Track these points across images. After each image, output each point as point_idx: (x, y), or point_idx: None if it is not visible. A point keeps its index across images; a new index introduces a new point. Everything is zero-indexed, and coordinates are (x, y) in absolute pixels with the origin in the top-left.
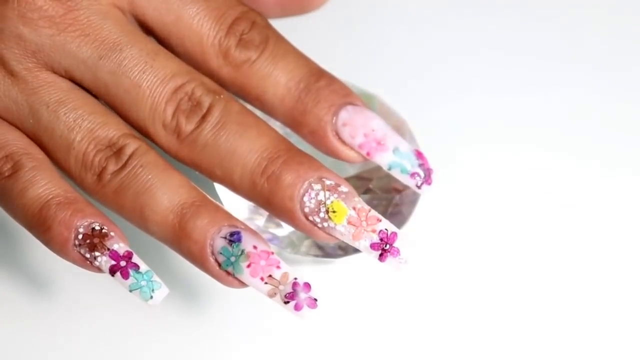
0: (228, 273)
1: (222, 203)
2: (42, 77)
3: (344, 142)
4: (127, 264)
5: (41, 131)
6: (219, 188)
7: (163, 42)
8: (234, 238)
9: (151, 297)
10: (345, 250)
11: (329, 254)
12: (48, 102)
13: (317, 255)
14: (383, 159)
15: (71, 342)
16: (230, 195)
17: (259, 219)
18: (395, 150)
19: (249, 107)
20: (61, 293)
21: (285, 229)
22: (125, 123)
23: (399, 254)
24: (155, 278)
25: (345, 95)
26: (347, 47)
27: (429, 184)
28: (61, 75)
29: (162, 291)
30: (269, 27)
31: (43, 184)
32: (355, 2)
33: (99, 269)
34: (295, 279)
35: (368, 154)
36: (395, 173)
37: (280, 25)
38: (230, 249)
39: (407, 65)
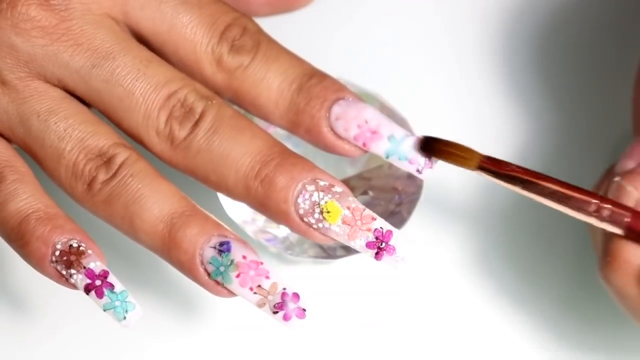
0: (217, 283)
1: (222, 206)
2: (33, 87)
3: (339, 137)
4: (102, 283)
5: (31, 140)
6: None
7: (157, 51)
8: (223, 248)
9: (124, 317)
10: (347, 250)
11: (330, 255)
12: (39, 112)
13: (318, 256)
14: (379, 148)
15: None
16: None
17: (260, 220)
18: (390, 137)
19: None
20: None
21: (284, 230)
22: (116, 132)
23: (395, 252)
24: (130, 299)
25: (337, 91)
26: (347, 47)
27: (430, 167)
28: (54, 85)
29: (136, 312)
30: (261, 31)
31: (24, 197)
32: (356, 1)
33: (74, 286)
34: (284, 289)
35: (364, 144)
36: (394, 160)
37: (281, 25)
38: (219, 258)
39: (407, 65)
